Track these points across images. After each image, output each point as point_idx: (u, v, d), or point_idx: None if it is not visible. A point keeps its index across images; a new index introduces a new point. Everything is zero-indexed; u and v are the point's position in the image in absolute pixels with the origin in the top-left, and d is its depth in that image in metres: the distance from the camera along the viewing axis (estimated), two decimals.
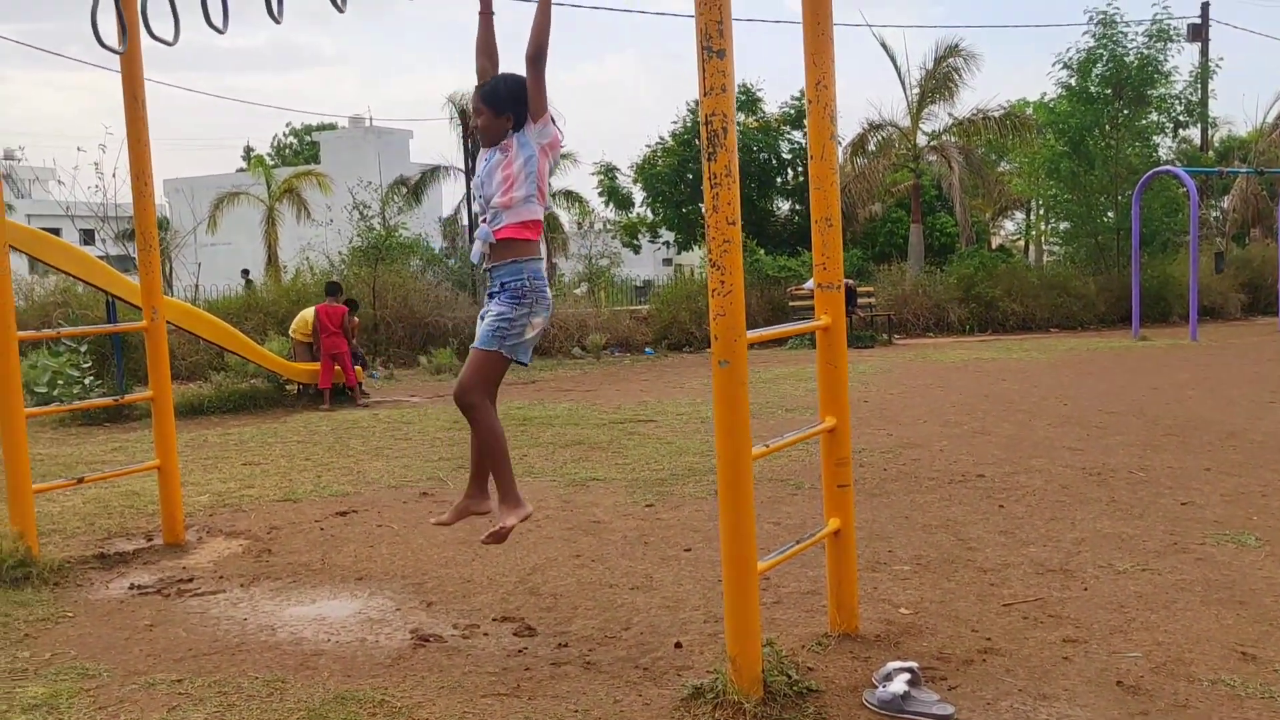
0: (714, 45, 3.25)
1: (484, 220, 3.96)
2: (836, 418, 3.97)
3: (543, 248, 4.19)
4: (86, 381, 11.28)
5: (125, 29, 5.42)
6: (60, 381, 11.02)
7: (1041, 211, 31.26)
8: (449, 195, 42.79)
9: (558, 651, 3.97)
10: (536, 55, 3.83)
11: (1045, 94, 25.06)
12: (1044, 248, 32.39)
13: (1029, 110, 27.18)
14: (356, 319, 13.72)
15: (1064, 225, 25.82)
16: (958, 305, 21.67)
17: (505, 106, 3.92)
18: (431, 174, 39.91)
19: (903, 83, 24.95)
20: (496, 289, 3.97)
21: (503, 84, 3.96)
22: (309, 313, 13.24)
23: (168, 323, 7.89)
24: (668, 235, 30.08)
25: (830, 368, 4.01)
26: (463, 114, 37.88)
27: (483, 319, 4.01)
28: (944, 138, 25.64)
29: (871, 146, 25.74)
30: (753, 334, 3.45)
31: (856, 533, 4.17)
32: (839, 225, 4.06)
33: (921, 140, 25.55)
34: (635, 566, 5.07)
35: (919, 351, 17.44)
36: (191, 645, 4.15)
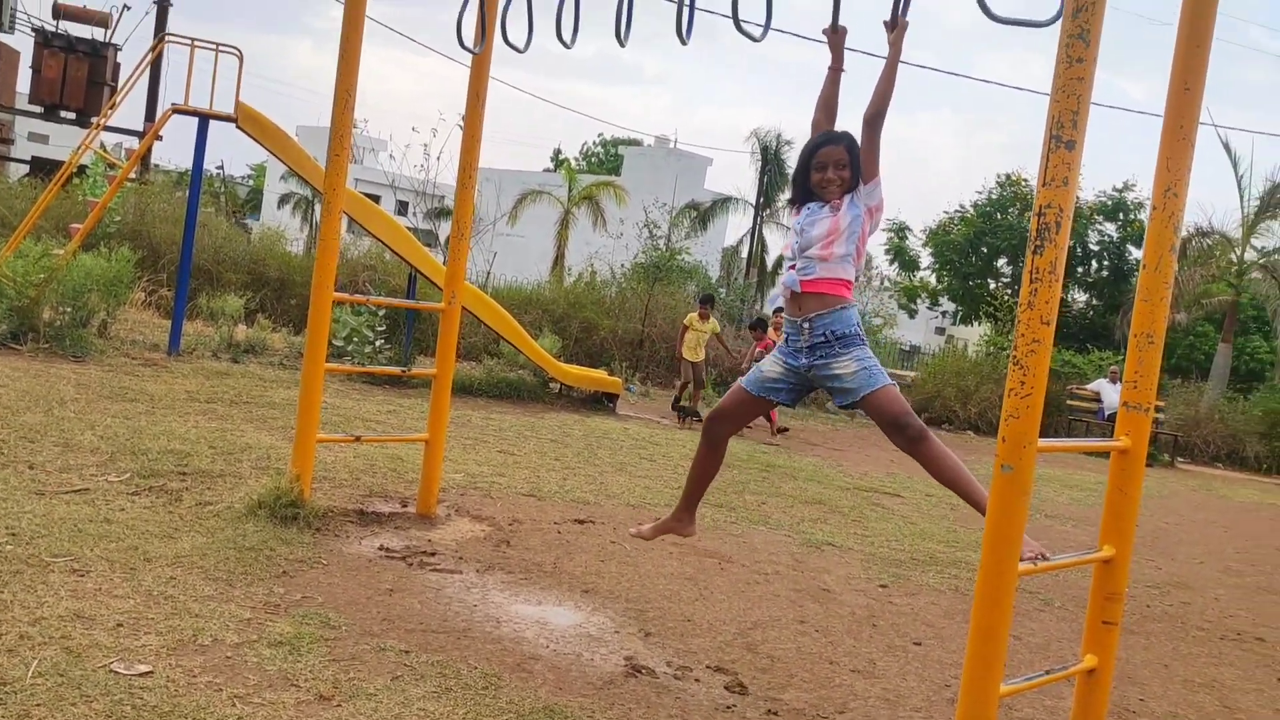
0: (1064, 135, 3.06)
1: (792, 268, 3.92)
2: (1117, 548, 3.64)
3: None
4: (378, 343, 12.16)
5: (485, 32, 5.78)
6: (355, 339, 11.94)
7: None
8: (734, 227, 43.37)
9: (767, 718, 3.85)
10: (875, 117, 3.77)
11: None
12: None
13: None
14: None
15: None
16: (1258, 440, 19.66)
17: (856, 165, 3.88)
18: (722, 203, 40.58)
19: (1241, 192, 23.03)
20: (821, 339, 3.89)
21: (854, 142, 3.92)
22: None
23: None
24: (948, 304, 29.18)
25: (1119, 494, 3.69)
26: (764, 150, 38.33)
27: (798, 365, 3.97)
28: (1276, 257, 23.44)
29: (1191, 253, 23.89)
30: (1044, 443, 3.21)
31: None
32: (1161, 344, 3.74)
33: (1249, 255, 23.47)
34: (860, 648, 4.86)
35: (1204, 481, 15.96)
36: (423, 619, 4.33)
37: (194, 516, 5.24)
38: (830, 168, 3.89)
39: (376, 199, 24.40)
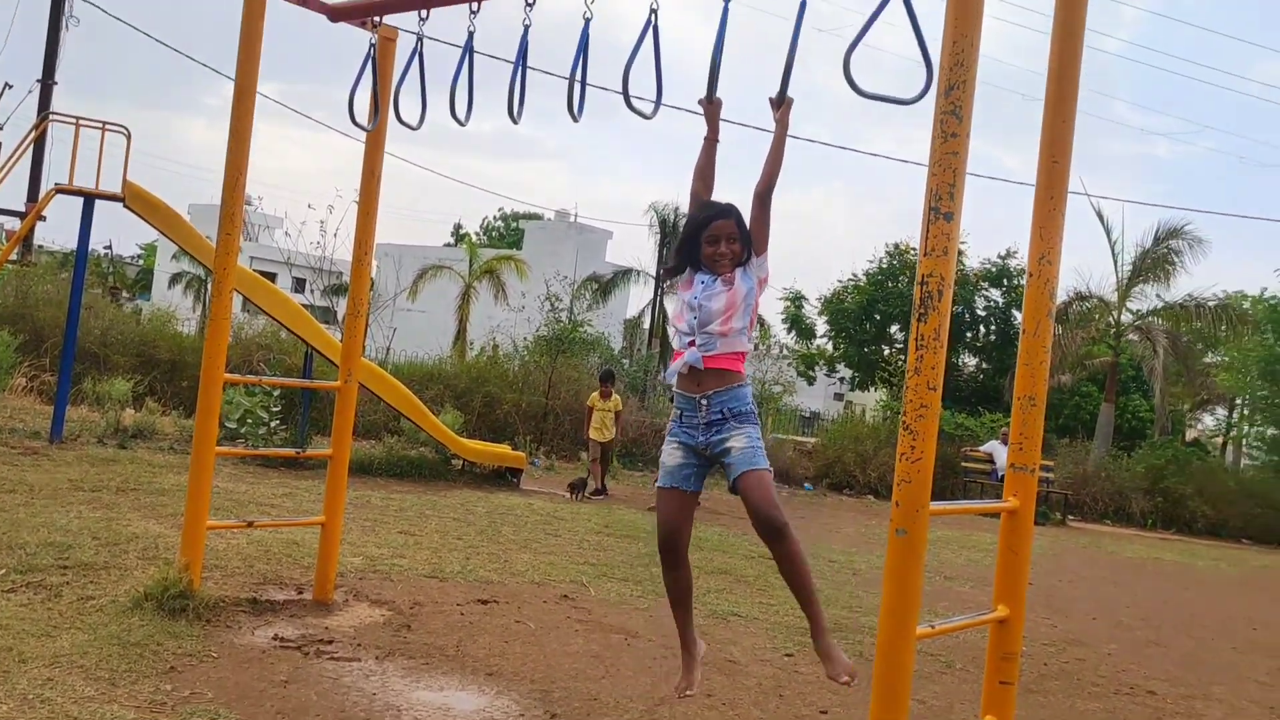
0: (943, 208, 3.19)
1: (691, 343, 3.93)
2: (1010, 609, 3.73)
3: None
4: (272, 424, 11.86)
5: (377, 110, 5.80)
6: (249, 420, 11.63)
7: (1247, 412, 29.40)
8: (635, 298, 43.74)
9: None
10: (765, 192, 3.88)
11: (1267, 289, 23.78)
12: (1244, 451, 30.30)
13: (1246, 304, 25.78)
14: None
15: (1271, 431, 24.17)
16: (1142, 496, 20.38)
17: (745, 239, 3.95)
18: (623, 275, 40.94)
19: (1115, 257, 24.12)
20: (718, 416, 3.90)
21: (741, 214, 3.99)
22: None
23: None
24: (845, 371, 29.78)
25: (1010, 554, 3.79)
26: (663, 222, 38.92)
27: (698, 443, 3.94)
28: (1150, 319, 24.57)
29: (1071, 316, 24.88)
30: (937, 506, 3.29)
31: None
32: (1043, 406, 3.88)
33: (1126, 318, 24.56)
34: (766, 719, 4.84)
35: (1094, 538, 16.44)
36: (320, 711, 4.18)
37: (75, 612, 5.00)
38: (723, 241, 3.94)
39: (272, 277, 23.99)
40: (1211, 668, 7.31)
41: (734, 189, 4.15)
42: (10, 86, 19.75)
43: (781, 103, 3.95)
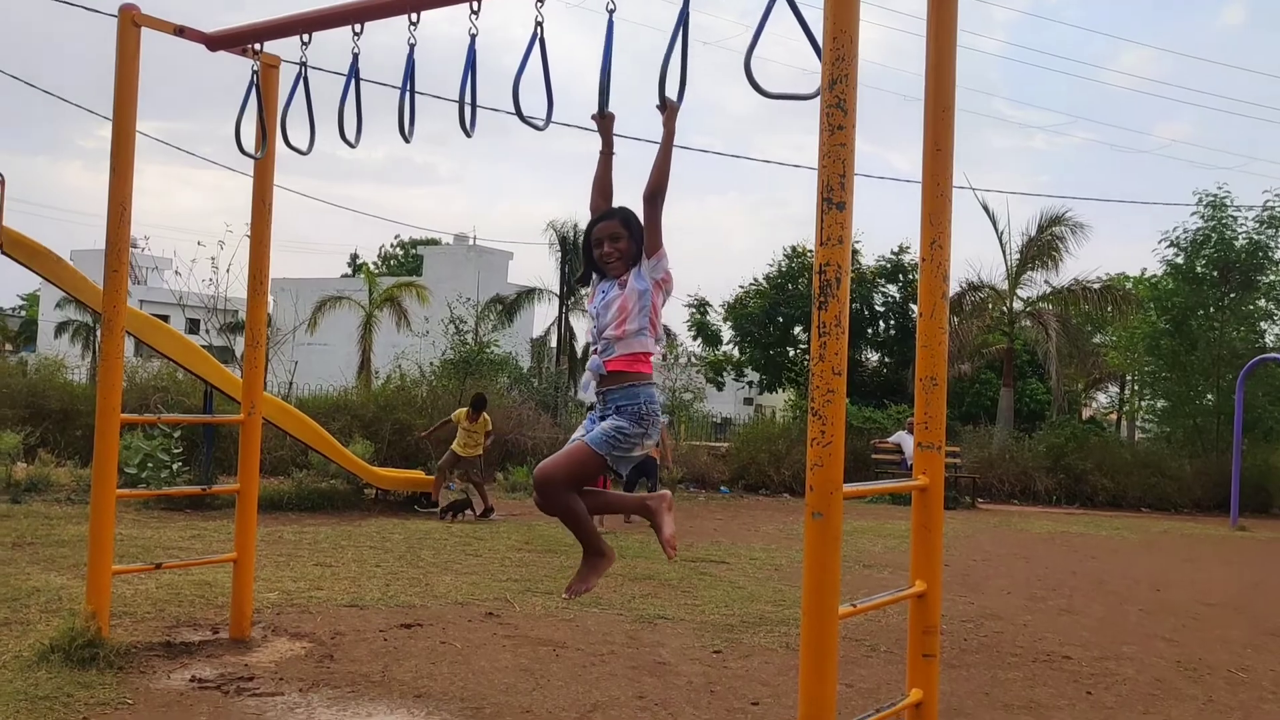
0: (835, 198, 3.27)
1: (595, 351, 4.00)
2: (927, 583, 3.82)
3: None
4: (175, 467, 11.52)
5: (265, 137, 5.70)
6: (150, 465, 11.28)
7: (1137, 387, 30.60)
8: (541, 317, 43.66)
9: None
10: (654, 194, 3.92)
11: (1147, 269, 24.83)
12: (1137, 424, 31.54)
13: (1129, 285, 26.84)
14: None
15: (1161, 403, 25.20)
16: (1045, 474, 21.07)
17: (636, 237, 3.99)
18: (527, 295, 40.85)
19: (1003, 247, 24.93)
20: (610, 411, 3.96)
21: (630, 215, 4.03)
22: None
23: None
24: (752, 375, 30.12)
25: (924, 530, 3.89)
26: (562, 240, 38.96)
27: (590, 426, 4.01)
28: (1041, 304, 25.43)
29: (966, 306, 25.61)
30: (849, 488, 3.36)
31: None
32: (944, 385, 4.00)
33: (1018, 305, 25.37)
34: (700, 715, 4.88)
35: (1003, 518, 16.92)
36: None
37: None
38: (606, 242, 4.01)
39: (165, 319, 23.32)
40: (1121, 630, 7.58)
41: (631, 199, 4.19)
42: None
43: (665, 107, 4.00)
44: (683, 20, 3.95)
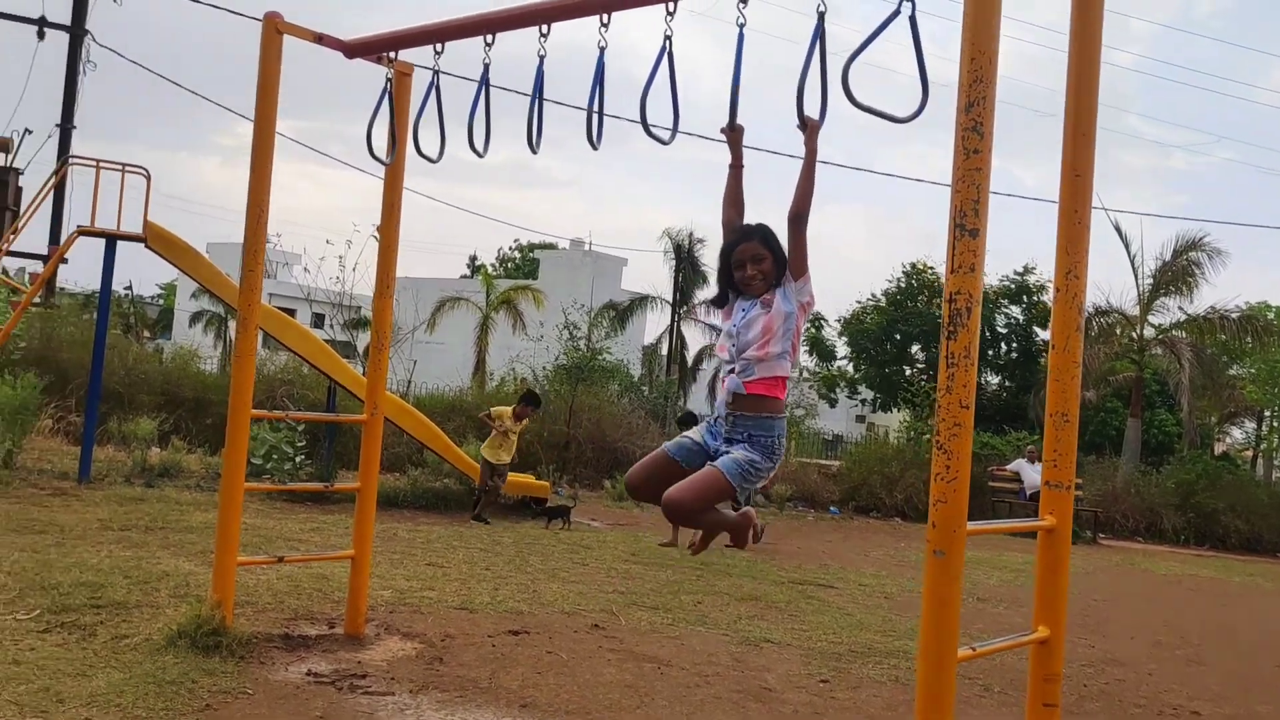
0: (968, 224, 3.17)
1: (732, 370, 3.95)
2: (1051, 629, 3.67)
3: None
4: (298, 459, 11.89)
5: (395, 143, 5.83)
6: (275, 456, 11.66)
7: (1276, 423, 29.08)
8: (653, 324, 43.82)
9: None
10: (799, 215, 3.87)
11: None
12: (1276, 463, 29.96)
13: (1270, 315, 25.54)
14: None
15: None
16: (1173, 512, 20.13)
17: (778, 256, 3.94)
18: (640, 302, 41.03)
19: (1135, 271, 23.99)
20: (741, 436, 3.92)
21: (769, 233, 3.99)
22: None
23: None
24: (866, 393, 29.67)
25: (1049, 573, 3.74)
26: (677, 248, 39.02)
27: (712, 446, 3.99)
28: (1174, 332, 24.39)
29: (1093, 331, 24.74)
30: (974, 526, 3.25)
31: None
32: (1076, 422, 3.84)
33: (1148, 332, 24.38)
34: None
35: (1126, 556, 16.25)
36: None
37: (110, 651, 5.00)
38: (749, 264, 3.96)
39: (291, 312, 24.16)
40: (1255, 685, 7.19)
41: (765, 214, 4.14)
42: (30, 132, 20.04)
43: (806, 126, 3.94)
44: (818, 36, 3.87)
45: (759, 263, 3.94)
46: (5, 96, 51.75)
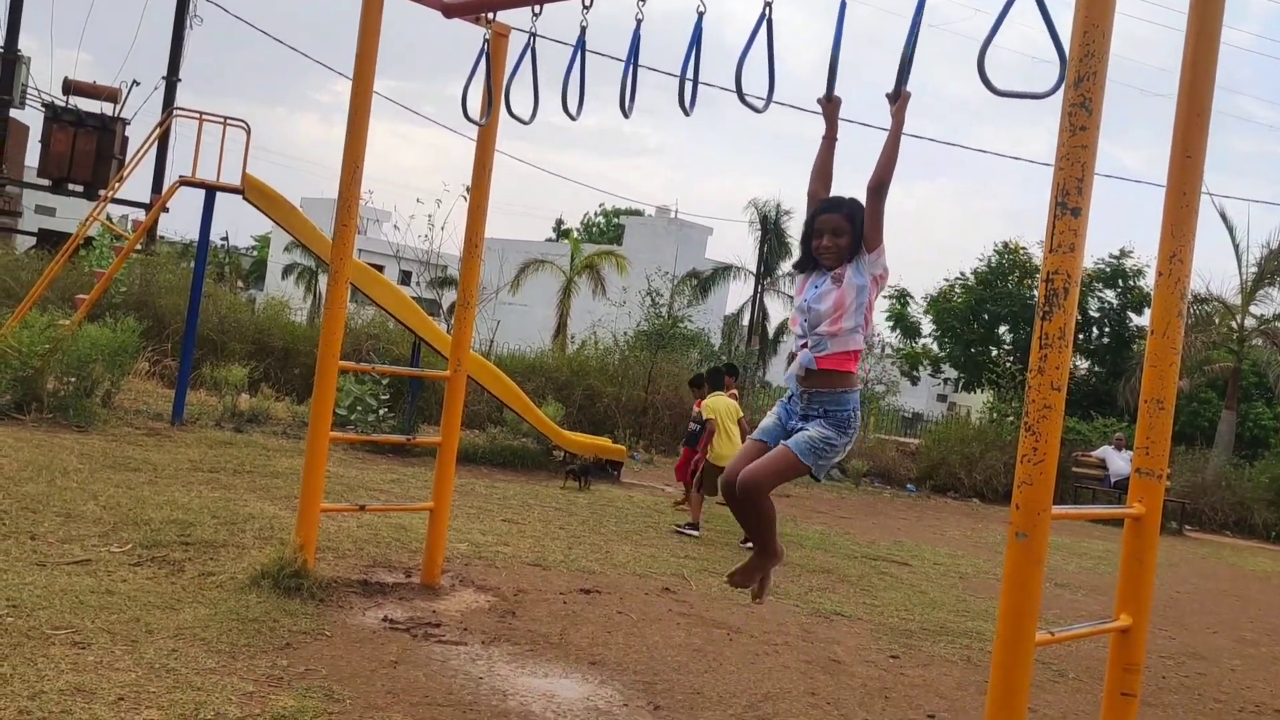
0: (1070, 202, 3.08)
1: (804, 345, 3.92)
2: (1134, 618, 3.58)
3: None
4: (381, 412, 12.13)
5: (490, 104, 5.86)
6: (359, 408, 11.92)
7: None
8: (735, 295, 43.61)
9: None
10: (879, 185, 3.79)
11: None
12: None
13: None
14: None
15: None
16: (1266, 507, 19.45)
17: (858, 233, 3.88)
18: (723, 272, 40.86)
19: (1239, 259, 23.10)
20: (816, 412, 3.90)
21: (857, 208, 3.92)
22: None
23: None
24: (950, 372, 29.17)
25: (1135, 561, 3.64)
26: (763, 219, 38.70)
27: (789, 425, 3.95)
28: (1277, 324, 23.49)
29: (1190, 319, 23.92)
30: (1058, 510, 3.18)
31: None
32: (1171, 409, 3.72)
33: (1250, 322, 23.50)
34: None
35: (1213, 549, 15.79)
36: (428, 692, 4.25)
37: (196, 587, 5.19)
38: (826, 235, 3.90)
39: (380, 269, 24.55)
40: None
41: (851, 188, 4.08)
42: (138, 83, 20.62)
43: (898, 97, 3.86)
44: (920, 11, 3.79)
45: (837, 236, 3.87)
46: (115, 48, 53.20)
